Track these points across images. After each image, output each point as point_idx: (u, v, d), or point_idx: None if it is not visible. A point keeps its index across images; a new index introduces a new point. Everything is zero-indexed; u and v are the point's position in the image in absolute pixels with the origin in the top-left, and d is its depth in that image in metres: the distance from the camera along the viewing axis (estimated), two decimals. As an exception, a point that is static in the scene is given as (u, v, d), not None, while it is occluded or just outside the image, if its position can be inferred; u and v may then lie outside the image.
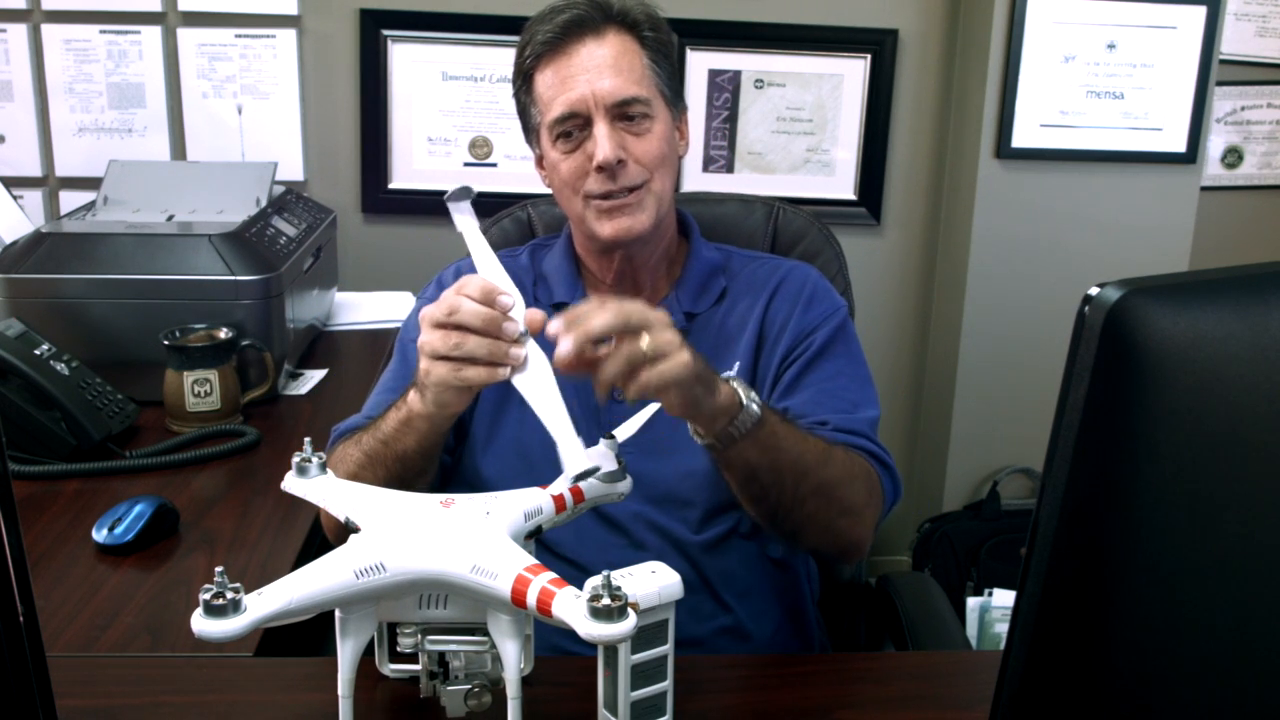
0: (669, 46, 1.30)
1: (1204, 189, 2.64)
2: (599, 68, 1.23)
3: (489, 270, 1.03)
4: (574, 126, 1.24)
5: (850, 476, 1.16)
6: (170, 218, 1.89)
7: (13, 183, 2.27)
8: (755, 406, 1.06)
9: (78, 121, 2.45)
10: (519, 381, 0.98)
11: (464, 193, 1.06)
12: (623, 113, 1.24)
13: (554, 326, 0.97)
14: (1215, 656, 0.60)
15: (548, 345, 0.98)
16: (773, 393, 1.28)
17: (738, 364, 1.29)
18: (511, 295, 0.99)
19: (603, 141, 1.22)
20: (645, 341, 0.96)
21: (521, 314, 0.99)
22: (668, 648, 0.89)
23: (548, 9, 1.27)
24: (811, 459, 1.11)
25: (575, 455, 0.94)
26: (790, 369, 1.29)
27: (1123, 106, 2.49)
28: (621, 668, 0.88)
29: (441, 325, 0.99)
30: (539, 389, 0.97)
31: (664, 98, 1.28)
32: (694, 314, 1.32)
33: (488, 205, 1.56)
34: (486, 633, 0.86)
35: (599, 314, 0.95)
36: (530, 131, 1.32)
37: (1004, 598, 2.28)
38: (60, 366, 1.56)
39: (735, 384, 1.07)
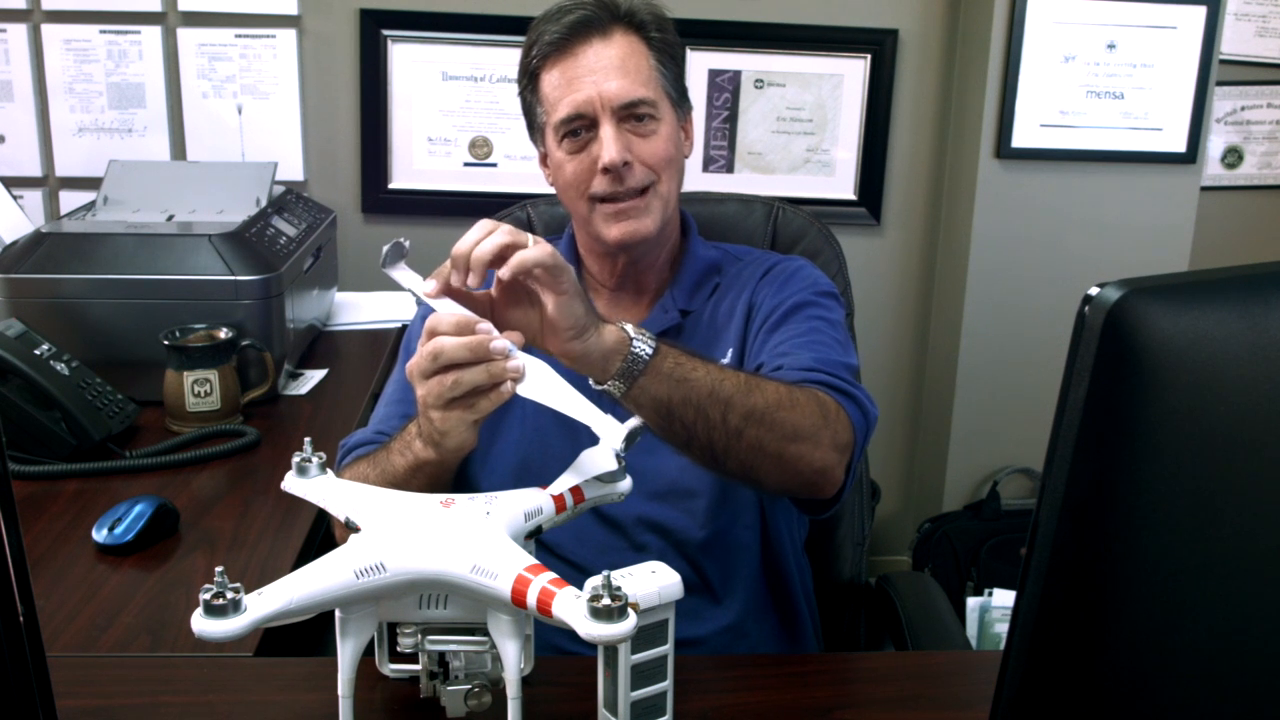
0: (676, 47, 1.30)
1: (1204, 189, 2.64)
2: (606, 69, 1.23)
3: (450, 310, 1.00)
4: (580, 127, 1.24)
5: (790, 402, 1.08)
6: (170, 218, 1.89)
7: (13, 183, 2.27)
8: (648, 341, 1.03)
9: (78, 121, 2.45)
10: (525, 390, 0.96)
11: (396, 252, 1.03)
12: (629, 114, 1.23)
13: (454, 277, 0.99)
14: (1215, 656, 0.60)
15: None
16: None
17: (730, 350, 1.28)
18: (484, 321, 0.97)
19: (608, 143, 1.22)
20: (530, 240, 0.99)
21: (498, 334, 0.97)
22: (668, 648, 0.90)
23: (555, 8, 1.26)
24: (732, 387, 1.06)
25: (611, 426, 0.94)
26: (762, 331, 1.27)
27: (1123, 106, 2.49)
28: (621, 668, 0.88)
29: (432, 374, 0.97)
30: (548, 387, 0.96)
31: (670, 99, 1.28)
32: (688, 310, 1.32)
33: (488, 205, 1.57)
34: (486, 633, 0.86)
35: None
36: (535, 130, 1.32)
37: (1004, 598, 2.28)
38: (60, 366, 1.56)
39: (623, 325, 1.03)
